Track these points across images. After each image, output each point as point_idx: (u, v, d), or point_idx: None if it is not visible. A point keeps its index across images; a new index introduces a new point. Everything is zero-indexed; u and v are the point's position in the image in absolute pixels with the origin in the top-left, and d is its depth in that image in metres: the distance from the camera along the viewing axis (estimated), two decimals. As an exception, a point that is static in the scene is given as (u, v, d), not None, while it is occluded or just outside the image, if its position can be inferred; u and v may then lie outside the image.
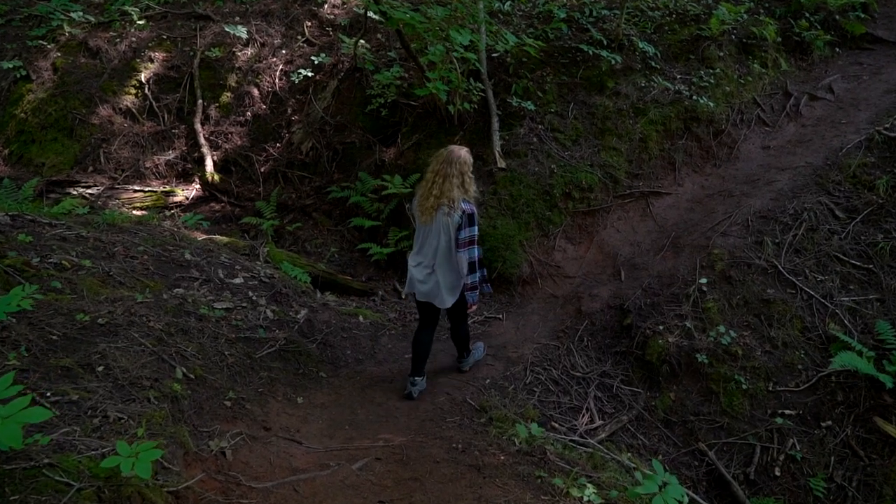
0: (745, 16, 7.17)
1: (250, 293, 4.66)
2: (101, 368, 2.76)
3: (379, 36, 7.78)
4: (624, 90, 6.59)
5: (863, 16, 7.30)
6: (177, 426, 2.48)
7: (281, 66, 7.88)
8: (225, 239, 5.85)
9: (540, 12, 7.42)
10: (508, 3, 7.67)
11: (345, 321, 5.04)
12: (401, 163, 6.81)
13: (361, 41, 7.50)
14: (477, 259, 3.88)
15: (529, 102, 6.50)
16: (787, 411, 4.42)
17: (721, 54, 6.86)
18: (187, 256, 4.78)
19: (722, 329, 4.71)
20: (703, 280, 5.05)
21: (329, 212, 7.09)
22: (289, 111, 7.67)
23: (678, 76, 6.74)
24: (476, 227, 3.84)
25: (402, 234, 6.35)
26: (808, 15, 7.22)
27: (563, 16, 7.19)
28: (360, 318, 5.18)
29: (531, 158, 6.24)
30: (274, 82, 7.80)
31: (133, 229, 5.02)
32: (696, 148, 6.40)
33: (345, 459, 3.13)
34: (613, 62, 6.52)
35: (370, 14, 7.75)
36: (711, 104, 6.37)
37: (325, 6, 8.37)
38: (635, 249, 5.78)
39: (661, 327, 4.86)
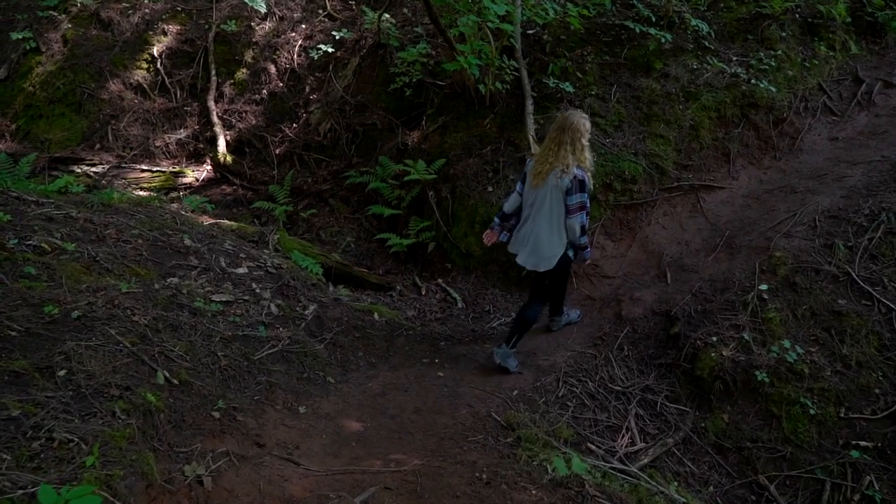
0: (812, -9, 6.51)
1: (254, 285, 4.24)
2: (62, 373, 2.35)
3: (405, 10, 7.29)
4: (673, 72, 6.01)
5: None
6: (141, 452, 2.04)
7: (300, 42, 7.44)
8: (233, 224, 5.44)
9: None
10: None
11: (358, 319, 4.60)
12: (425, 147, 6.33)
13: (386, 15, 7.02)
14: (586, 224, 3.99)
15: (568, 84, 5.96)
16: (862, 442, 3.85)
17: (783, 35, 6.22)
18: (186, 242, 4.38)
19: (787, 344, 4.15)
20: (764, 286, 4.49)
21: (346, 198, 6.65)
22: (307, 90, 7.24)
23: (734, 58, 6.13)
24: (587, 195, 3.91)
25: (424, 225, 5.89)
26: (882, -8, 6.53)
27: (606, -10, 6.60)
28: (376, 316, 4.74)
29: (568, 145, 5.69)
30: (292, 59, 7.37)
31: (130, 210, 4.64)
32: (754, 138, 5.80)
33: (348, 487, 2.68)
34: (663, 41, 5.94)
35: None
36: (773, 89, 5.76)
37: (350, -22, 7.90)
38: (683, 249, 5.23)
39: (713, 338, 4.31)
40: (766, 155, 5.74)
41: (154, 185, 6.85)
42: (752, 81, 5.83)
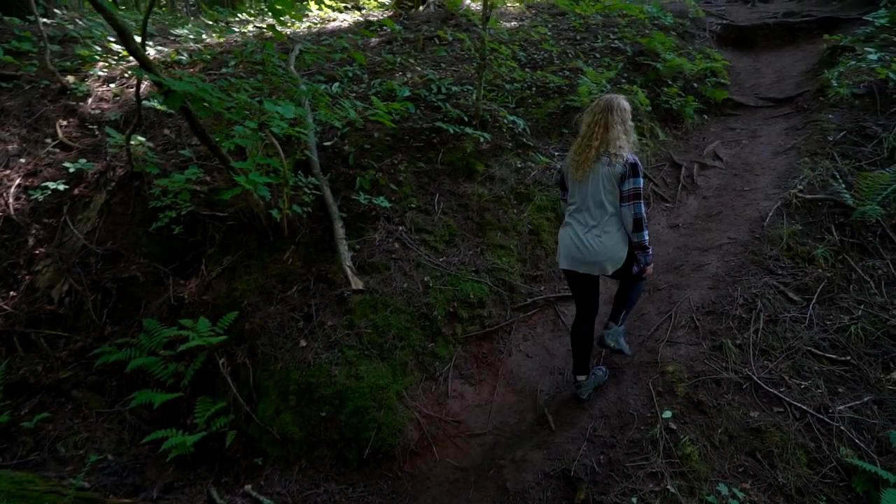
0: (609, 85, 6.57)
1: None
2: None
3: (167, 131, 5.97)
4: (498, 173, 5.42)
5: (723, 82, 7.11)
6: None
7: (18, 181, 5.65)
8: None
9: (377, 92, 6.19)
10: (336, 84, 6.37)
11: None
12: (208, 299, 4.83)
13: (140, 138, 5.64)
14: (644, 217, 3.56)
15: (382, 198, 5.03)
16: None
17: (596, 126, 6.06)
18: None
19: (723, 489, 3.27)
20: (668, 413, 3.68)
21: (99, 385, 4.79)
22: (30, 243, 5.39)
23: (555, 153, 5.76)
24: (641, 180, 3.54)
25: (217, 408, 4.29)
26: (669, 83, 6.83)
27: (406, 93, 6.02)
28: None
29: (395, 271, 4.66)
30: (6, 203, 5.52)
31: None
32: (597, 235, 5.30)
33: None
34: (481, 140, 5.37)
35: (151, 103, 5.98)
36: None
37: (90, 100, 6.42)
38: (558, 379, 4.31)
39: (633, 499, 3.30)
40: (615, 252, 5.24)
41: None
42: (581, 175, 5.42)
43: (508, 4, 9.81)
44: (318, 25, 9.20)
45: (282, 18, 4.32)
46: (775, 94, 7.18)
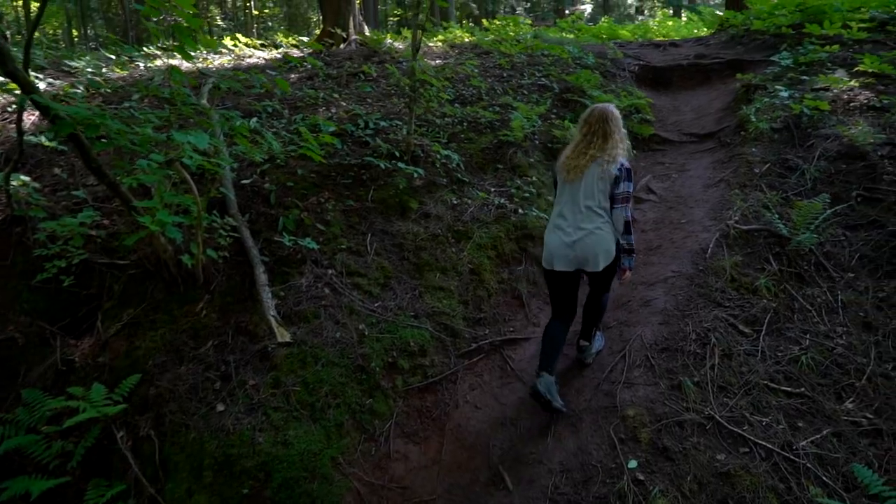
0: (539, 121, 6.51)
1: None
2: None
3: (57, 171, 5.30)
4: (434, 210, 5.13)
5: (648, 118, 7.24)
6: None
7: None
8: None
9: (297, 129, 5.80)
10: (255, 119, 5.94)
11: None
12: (104, 360, 4.17)
13: (24, 178, 4.94)
14: (631, 220, 3.74)
15: (309, 240, 4.60)
16: None
17: (531, 160, 5.94)
18: None
19: (702, 547, 2.99)
20: (633, 463, 3.41)
21: (-37, 474, 3.96)
22: None
23: (492, 189, 5.56)
24: (632, 185, 3.71)
25: (116, 491, 3.61)
26: (598, 119, 6.86)
27: (332, 129, 5.67)
28: None
29: (326, 320, 4.22)
30: None
31: None
32: (540, 273, 5.08)
33: None
34: (415, 175, 5.08)
35: (38, 139, 5.32)
36: (545, 215, 5.22)
37: (-38, 138, 5.63)
38: (512, 432, 3.96)
39: (609, 568, 2.96)
40: (559, 290, 5.03)
41: None
42: (521, 211, 5.24)
43: (431, 44, 9.76)
44: (233, 62, 8.76)
45: (192, 53, 3.90)
46: (698, 130, 7.40)
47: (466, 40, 9.44)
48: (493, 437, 3.92)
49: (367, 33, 9.81)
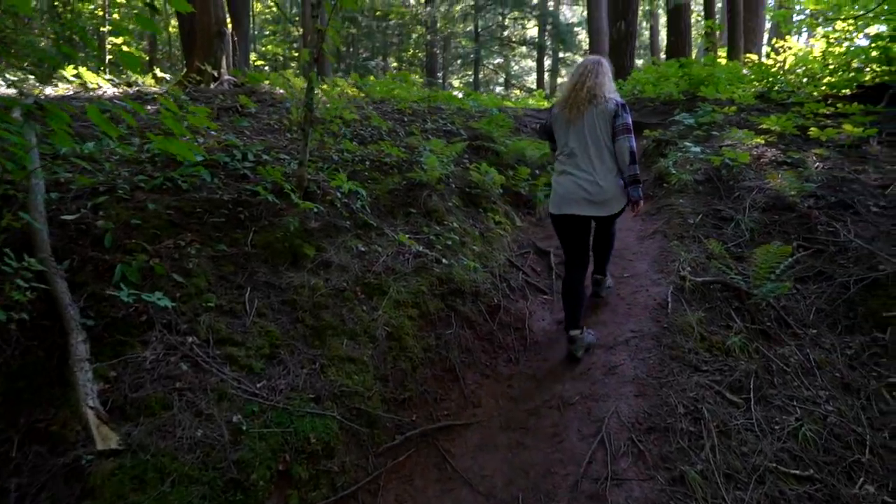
0: (453, 166, 5.67)
1: None
2: None
3: None
4: (336, 259, 3.98)
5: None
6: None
7: None
8: None
9: (154, 156, 4.47)
10: (92, 143, 4.52)
11: None
12: None
13: None
14: (636, 149, 3.71)
15: (160, 294, 3.25)
16: None
17: (449, 205, 5.02)
18: None
19: None
20: None
21: None
22: None
23: (406, 235, 4.53)
24: (629, 116, 3.70)
25: None
26: (515, 166, 6.18)
27: (201, 158, 4.41)
28: None
29: (182, 411, 2.84)
30: None
31: None
32: (474, 337, 4.05)
33: None
34: (312, 213, 3.93)
35: None
36: (474, 266, 4.26)
37: None
38: (463, 563, 2.75)
39: None
40: (499, 358, 4.01)
41: None
42: (444, 261, 4.24)
43: (317, 90, 8.82)
44: (73, 91, 7.23)
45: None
46: (613, 185, 6.98)
47: (349, 92, 8.59)
48: (438, 578, 2.69)
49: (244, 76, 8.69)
